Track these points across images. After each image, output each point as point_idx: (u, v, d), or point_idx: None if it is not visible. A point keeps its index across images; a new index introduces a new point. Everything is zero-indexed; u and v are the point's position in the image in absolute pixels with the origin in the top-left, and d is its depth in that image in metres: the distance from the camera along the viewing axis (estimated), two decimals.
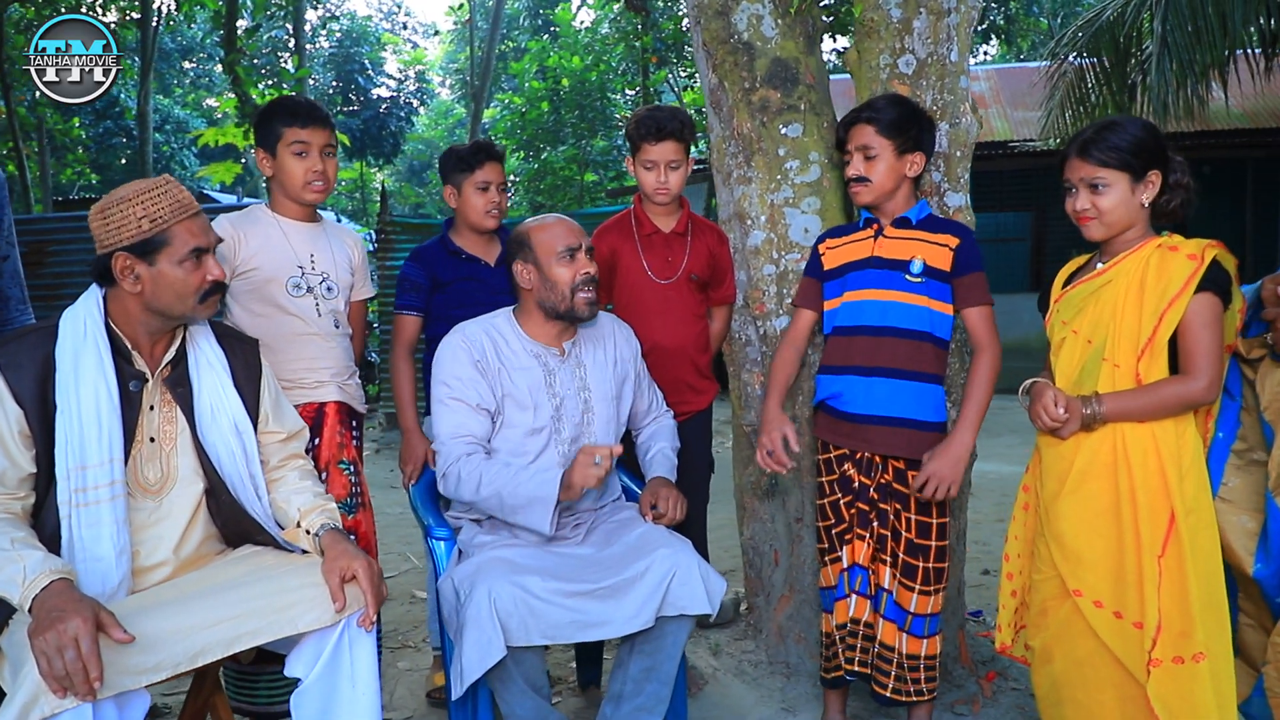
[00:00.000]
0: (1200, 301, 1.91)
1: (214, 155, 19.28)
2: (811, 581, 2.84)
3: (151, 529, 1.94)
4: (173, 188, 1.91)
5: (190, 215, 1.90)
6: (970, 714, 2.68)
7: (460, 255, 2.86)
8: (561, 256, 2.31)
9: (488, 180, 2.82)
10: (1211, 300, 1.92)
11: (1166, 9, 6.57)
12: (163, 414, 1.98)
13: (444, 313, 2.81)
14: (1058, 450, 2.07)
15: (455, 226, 2.93)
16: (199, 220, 1.92)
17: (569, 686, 2.90)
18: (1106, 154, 1.98)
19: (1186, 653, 1.89)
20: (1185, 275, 1.91)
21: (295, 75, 12.82)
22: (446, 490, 2.30)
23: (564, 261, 2.31)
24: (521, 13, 22.60)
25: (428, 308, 2.85)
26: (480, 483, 2.20)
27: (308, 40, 18.05)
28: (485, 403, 2.30)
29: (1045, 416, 2.01)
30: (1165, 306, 1.92)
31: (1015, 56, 18.31)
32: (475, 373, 2.30)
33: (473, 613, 1.98)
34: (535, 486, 2.16)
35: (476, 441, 2.29)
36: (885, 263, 2.35)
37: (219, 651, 1.74)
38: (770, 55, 2.77)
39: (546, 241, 2.32)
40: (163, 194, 1.88)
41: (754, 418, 2.96)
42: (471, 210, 2.84)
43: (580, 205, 15.63)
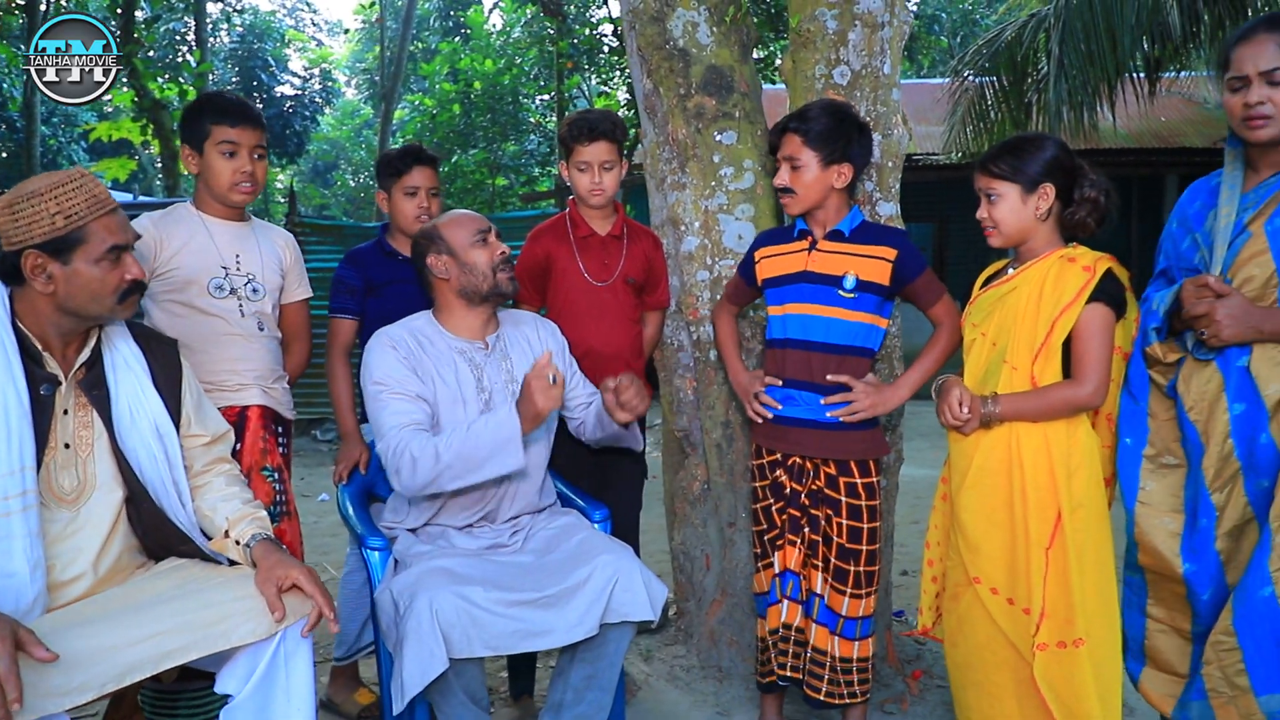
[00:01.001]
0: (1091, 311, 2.04)
1: (105, 150, 18.49)
2: (744, 585, 2.86)
3: (68, 541, 1.82)
4: (89, 182, 1.80)
5: (108, 211, 1.80)
6: (899, 712, 2.73)
7: (397, 257, 2.81)
8: (475, 241, 2.31)
9: (416, 185, 2.79)
10: (1103, 311, 2.04)
11: (1063, 32, 6.83)
12: (78, 418, 1.87)
13: (379, 314, 2.73)
14: (961, 446, 2.20)
15: (391, 230, 2.88)
16: (117, 216, 1.82)
17: (501, 697, 2.85)
18: (999, 166, 2.12)
19: (1069, 638, 2.04)
20: (1078, 285, 2.03)
21: (196, 70, 12.36)
22: (401, 481, 2.16)
23: (478, 246, 2.31)
24: (432, 14, 22.29)
25: (363, 310, 2.80)
26: (438, 452, 2.10)
27: (209, 34, 17.48)
28: (424, 393, 2.25)
29: (948, 414, 2.14)
30: (1058, 314, 2.05)
31: (916, 73, 18.85)
32: (406, 369, 2.25)
33: (413, 625, 1.92)
34: (495, 430, 2.09)
35: (421, 426, 2.21)
36: (818, 278, 2.37)
37: (147, 669, 1.65)
38: (705, 62, 2.78)
39: (456, 231, 2.32)
40: (78, 188, 1.77)
41: (686, 423, 2.97)
42: (400, 215, 2.80)
43: (491, 210, 15.48)
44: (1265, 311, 1.93)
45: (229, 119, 2.41)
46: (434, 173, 2.85)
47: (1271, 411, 1.94)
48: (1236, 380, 1.99)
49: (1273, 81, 1.91)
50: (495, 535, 2.32)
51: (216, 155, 2.41)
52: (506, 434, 2.09)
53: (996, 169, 2.12)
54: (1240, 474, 1.99)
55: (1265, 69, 1.91)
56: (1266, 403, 1.95)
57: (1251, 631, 1.91)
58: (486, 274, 2.31)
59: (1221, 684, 1.97)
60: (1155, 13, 6.56)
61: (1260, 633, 1.91)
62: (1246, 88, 1.94)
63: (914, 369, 2.40)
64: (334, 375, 2.78)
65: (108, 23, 19.02)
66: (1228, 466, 2.01)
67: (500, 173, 16.37)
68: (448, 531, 2.30)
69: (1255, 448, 1.96)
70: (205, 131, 2.41)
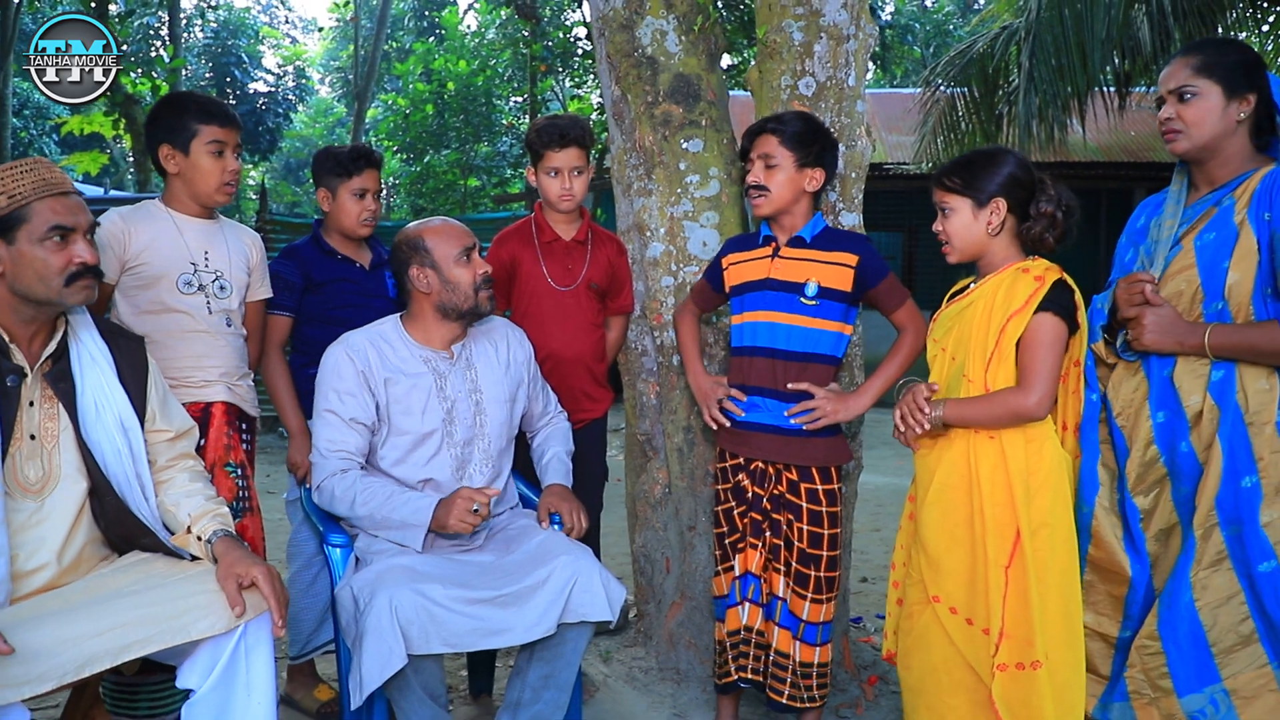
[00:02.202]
0: (1040, 320, 2.02)
1: (77, 144, 18.30)
2: (703, 589, 2.90)
3: (32, 530, 1.85)
4: (41, 167, 1.84)
5: (54, 194, 1.82)
6: (854, 716, 2.78)
7: (335, 256, 2.82)
8: (459, 259, 2.33)
9: (365, 187, 2.79)
10: (1051, 320, 2.02)
11: (1033, 45, 6.92)
12: (43, 410, 1.89)
13: (317, 313, 2.77)
14: (925, 462, 2.20)
15: (326, 228, 2.87)
16: (66, 200, 1.84)
17: (460, 695, 2.88)
18: (952, 181, 2.14)
19: (1027, 659, 2.00)
20: (1027, 293, 2.03)
21: (170, 65, 12.29)
22: (321, 502, 2.31)
23: (462, 263, 2.33)
24: (407, 13, 22.24)
25: (299, 307, 2.79)
26: (355, 501, 2.22)
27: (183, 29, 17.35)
28: (362, 417, 2.30)
29: (895, 415, 2.15)
30: (1005, 321, 2.04)
31: (890, 82, 19.02)
32: (357, 385, 2.29)
33: (373, 621, 1.95)
34: (409, 514, 2.18)
35: (350, 456, 2.29)
36: (780, 285, 2.40)
37: (107, 661, 1.67)
38: (673, 70, 2.83)
39: (442, 246, 2.33)
40: (28, 171, 1.81)
41: (649, 426, 3.01)
42: (346, 216, 2.80)
43: (463, 210, 15.46)
44: (1190, 326, 2.02)
45: (217, 119, 2.43)
46: (379, 174, 2.86)
47: (1192, 422, 2.04)
48: (1159, 389, 2.08)
49: (1181, 99, 2.06)
50: (456, 535, 2.35)
51: (204, 154, 2.43)
52: (416, 522, 2.18)
53: (949, 183, 2.14)
54: (1167, 479, 2.07)
55: (1173, 88, 2.07)
56: (1187, 413, 2.04)
57: (1174, 636, 2.01)
58: (468, 294, 2.33)
59: (1145, 686, 2.05)
60: (1125, 27, 6.64)
61: (1182, 636, 2.00)
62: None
63: (877, 376, 2.42)
64: (272, 372, 2.77)
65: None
66: (1151, 471, 2.10)
67: (473, 174, 16.35)
68: None
69: (1177, 455, 2.05)
70: (192, 131, 2.41)
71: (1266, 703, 1.95)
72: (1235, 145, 2.06)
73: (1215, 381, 2.01)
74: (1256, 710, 1.95)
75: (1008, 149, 2.22)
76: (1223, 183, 2.07)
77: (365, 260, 2.86)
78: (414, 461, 2.33)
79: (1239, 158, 2.06)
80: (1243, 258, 1.98)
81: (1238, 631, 1.97)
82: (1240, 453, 1.96)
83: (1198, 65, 2.05)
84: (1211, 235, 2.04)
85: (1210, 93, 2.03)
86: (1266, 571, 1.93)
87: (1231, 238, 2.00)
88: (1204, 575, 1.99)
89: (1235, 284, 1.99)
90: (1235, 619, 1.97)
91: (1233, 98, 2.02)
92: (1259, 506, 1.94)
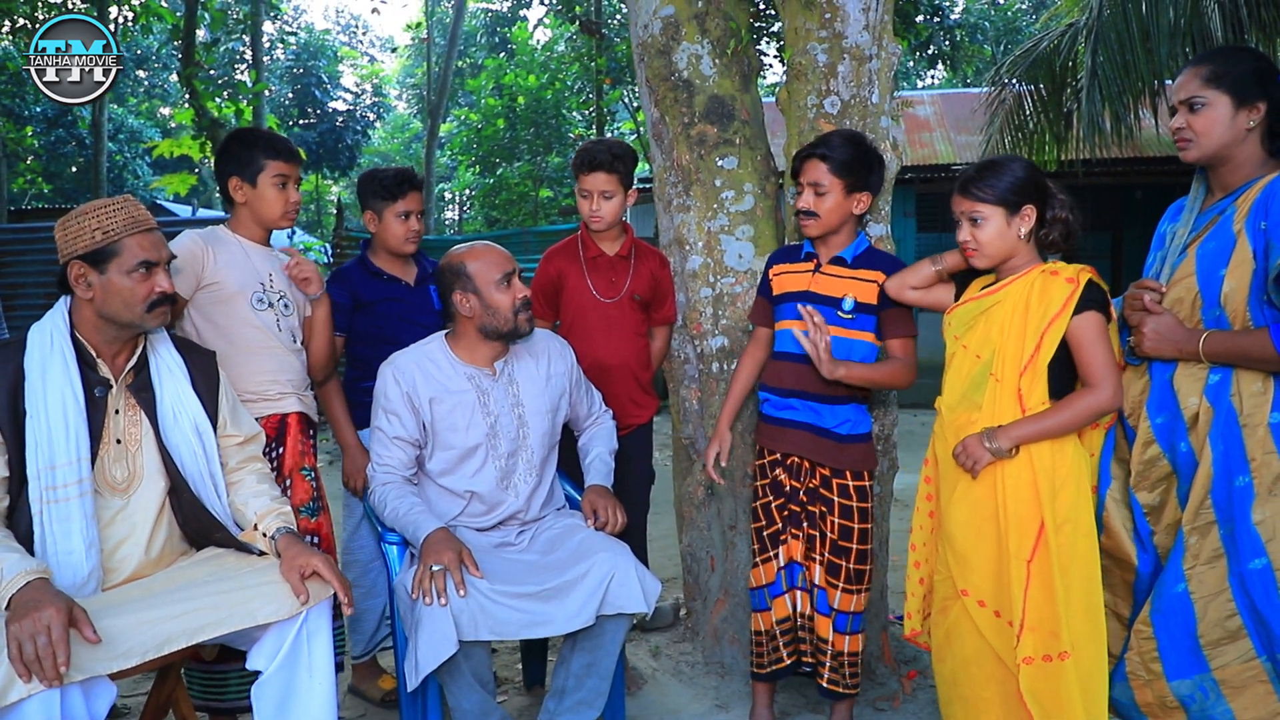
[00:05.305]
0: (1085, 319, 2.09)
1: (168, 166, 19.13)
2: (744, 586, 3.01)
3: (120, 524, 2.08)
4: (130, 205, 2.07)
5: (142, 230, 2.05)
6: (890, 709, 2.87)
7: (381, 276, 2.98)
8: (500, 284, 2.45)
9: (409, 209, 2.94)
10: (1095, 317, 2.09)
11: (1097, 42, 6.85)
12: (128, 417, 2.12)
13: (366, 332, 2.94)
14: (950, 459, 2.25)
15: (373, 248, 3.04)
16: (151, 236, 2.07)
17: (515, 686, 3.04)
18: (983, 190, 2.18)
19: (1054, 651, 2.07)
20: (1064, 297, 2.10)
21: (253, 89, 12.83)
22: (373, 507, 2.52)
23: (502, 289, 2.45)
24: (479, 30, 22.75)
25: (350, 327, 2.97)
26: (385, 511, 2.44)
27: (265, 53, 18.05)
28: (404, 435, 2.48)
29: (963, 456, 2.19)
30: (1046, 326, 2.10)
31: (961, 82, 18.80)
32: (401, 405, 2.47)
33: (427, 610, 2.13)
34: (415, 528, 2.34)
35: (392, 470, 2.48)
36: (819, 298, 2.53)
37: (183, 640, 1.89)
38: (708, 92, 2.97)
39: (483, 271, 2.45)
40: (118, 209, 2.04)
41: (692, 431, 3.14)
42: (392, 236, 2.96)
43: (534, 221, 15.77)
44: (1188, 333, 2.09)
45: (283, 155, 2.63)
46: (422, 195, 3.02)
47: (1189, 423, 2.10)
48: (1159, 393, 2.15)
49: (1191, 109, 2.12)
50: (504, 535, 2.52)
51: (270, 187, 2.62)
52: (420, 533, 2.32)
53: (980, 193, 2.17)
54: (1174, 476, 2.14)
55: (1184, 98, 2.13)
56: (1184, 415, 2.10)
57: (1166, 623, 2.09)
58: (508, 317, 2.46)
59: (1140, 669, 2.13)
60: (1196, 19, 6.51)
61: (1173, 624, 2.08)
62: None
63: (863, 366, 2.48)
64: (327, 392, 2.94)
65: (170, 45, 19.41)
66: (1154, 469, 2.17)
67: (544, 185, 16.66)
68: (461, 529, 2.50)
69: (1178, 455, 2.12)
70: (260, 165, 2.61)
71: (1255, 692, 2.01)
72: (1246, 152, 2.11)
73: (1212, 384, 2.08)
74: (1245, 699, 2.02)
75: (1018, 156, 2.29)
76: (1234, 188, 2.13)
77: (410, 277, 3.02)
78: (461, 474, 2.50)
79: (1250, 164, 2.12)
80: (1238, 266, 2.04)
81: (1224, 626, 2.04)
82: (1234, 453, 2.03)
83: (1207, 75, 2.11)
84: (1212, 244, 2.10)
85: (1219, 103, 2.09)
86: (1257, 569, 1.99)
87: (1229, 246, 2.06)
88: (1201, 570, 2.05)
89: (1231, 292, 2.06)
90: (1223, 614, 2.04)
91: (1242, 106, 2.08)
92: (1251, 505, 2.00)
